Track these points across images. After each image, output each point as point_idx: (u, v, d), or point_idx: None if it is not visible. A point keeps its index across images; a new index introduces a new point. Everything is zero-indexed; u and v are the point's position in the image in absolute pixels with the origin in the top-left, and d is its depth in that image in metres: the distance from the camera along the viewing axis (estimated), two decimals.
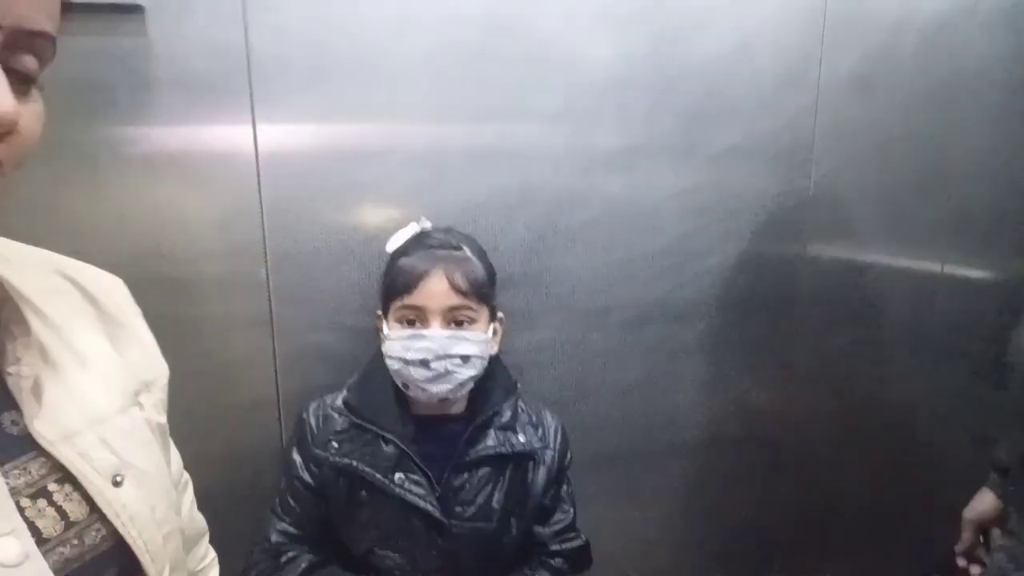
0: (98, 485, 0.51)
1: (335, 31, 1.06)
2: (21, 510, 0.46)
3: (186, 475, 0.73)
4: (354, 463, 0.97)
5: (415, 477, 0.97)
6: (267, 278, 1.11)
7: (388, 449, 0.98)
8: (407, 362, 0.95)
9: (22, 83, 0.45)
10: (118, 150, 1.01)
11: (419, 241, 1.01)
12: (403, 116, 1.12)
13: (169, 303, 1.05)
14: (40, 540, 0.47)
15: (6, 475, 0.47)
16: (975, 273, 1.52)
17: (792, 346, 1.43)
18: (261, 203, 1.08)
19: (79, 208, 1.00)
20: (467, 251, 1.00)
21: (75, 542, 0.50)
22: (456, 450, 0.99)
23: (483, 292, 0.99)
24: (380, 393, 1.01)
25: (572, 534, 1.10)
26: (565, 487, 1.11)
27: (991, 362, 1.52)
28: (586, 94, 1.19)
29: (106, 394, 0.57)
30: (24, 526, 0.46)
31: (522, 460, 1.04)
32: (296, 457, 1.02)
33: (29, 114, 0.46)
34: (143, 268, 1.03)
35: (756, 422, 1.44)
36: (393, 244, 1.03)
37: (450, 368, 0.95)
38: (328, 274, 1.13)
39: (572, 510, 1.11)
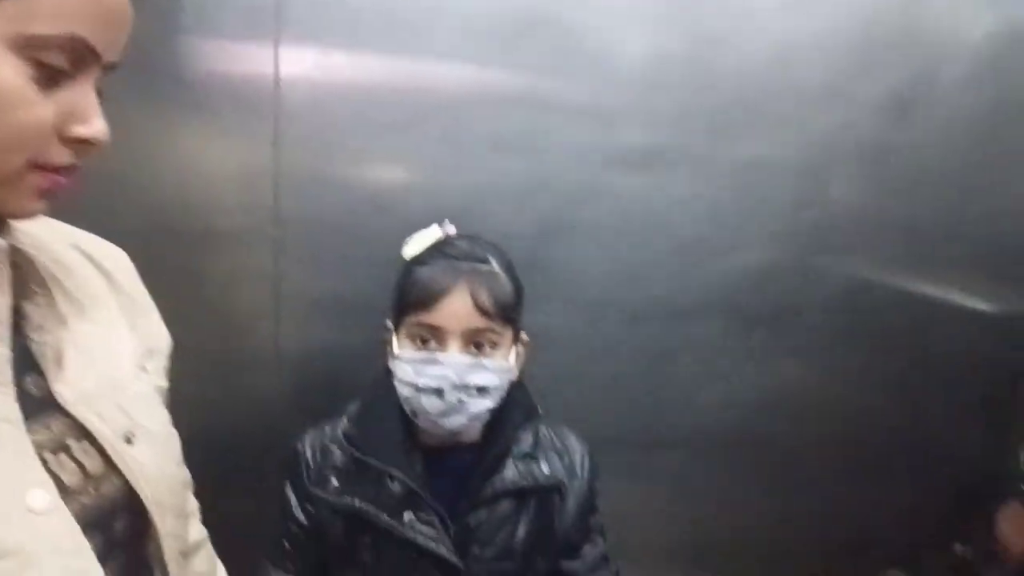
0: (112, 442, 0.57)
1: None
2: (44, 463, 0.52)
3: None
4: (356, 503, 0.87)
5: (426, 517, 0.87)
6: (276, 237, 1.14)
7: (395, 487, 0.87)
8: (418, 389, 0.85)
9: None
10: (137, 98, 1.03)
11: (440, 250, 0.89)
12: (427, 94, 1.12)
13: (179, 255, 1.10)
14: (63, 490, 0.52)
15: (31, 431, 0.52)
16: (982, 306, 1.51)
17: (788, 357, 1.45)
18: (277, 163, 1.11)
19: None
20: (494, 265, 0.88)
21: (92, 492, 0.55)
22: (471, 485, 0.89)
23: (509, 313, 0.87)
24: (385, 422, 0.90)
25: (603, 565, 1.00)
26: (594, 517, 1.00)
27: (986, 394, 1.54)
28: (613, 90, 1.19)
29: (119, 361, 0.63)
30: (49, 478, 0.51)
31: (547, 493, 0.92)
32: (290, 495, 0.93)
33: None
34: (155, 220, 1.08)
35: (743, 424, 1.47)
36: (411, 250, 0.91)
37: (464, 399, 0.84)
38: (336, 239, 1.16)
39: (602, 540, 1.01)
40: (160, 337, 0.72)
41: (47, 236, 0.64)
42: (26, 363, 0.54)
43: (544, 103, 1.17)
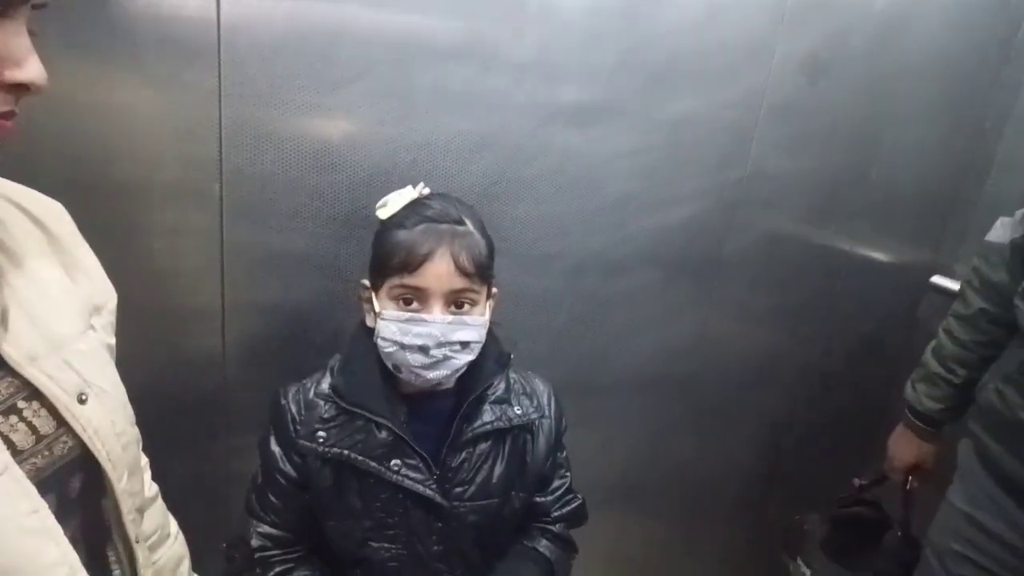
0: (65, 402, 0.57)
1: None
2: None
3: None
4: (346, 452, 0.90)
5: (412, 462, 0.91)
6: (220, 192, 1.11)
7: (382, 435, 0.91)
8: (403, 347, 0.88)
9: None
10: (76, 46, 0.97)
11: (417, 211, 0.91)
12: (372, 49, 1.11)
13: (121, 209, 1.06)
14: (15, 452, 0.52)
15: None
16: (882, 255, 1.66)
17: (711, 304, 1.55)
18: (220, 119, 1.07)
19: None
20: (470, 225, 0.92)
21: (45, 453, 0.55)
22: (451, 429, 0.94)
23: (485, 272, 0.92)
24: (368, 375, 0.93)
25: (570, 496, 1.09)
26: (562, 452, 1.08)
27: (876, 335, 1.71)
28: (555, 45, 1.21)
29: (65, 318, 0.62)
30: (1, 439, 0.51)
31: (520, 432, 0.99)
32: (275, 449, 0.95)
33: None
34: (95, 172, 1.03)
35: (672, 367, 1.57)
36: (386, 211, 0.94)
37: (448, 354, 0.89)
38: (282, 196, 1.14)
39: (568, 473, 1.10)
40: (105, 293, 0.71)
41: None
42: None
43: (488, 58, 1.18)
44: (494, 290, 0.98)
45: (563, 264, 1.37)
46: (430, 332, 0.88)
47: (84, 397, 0.59)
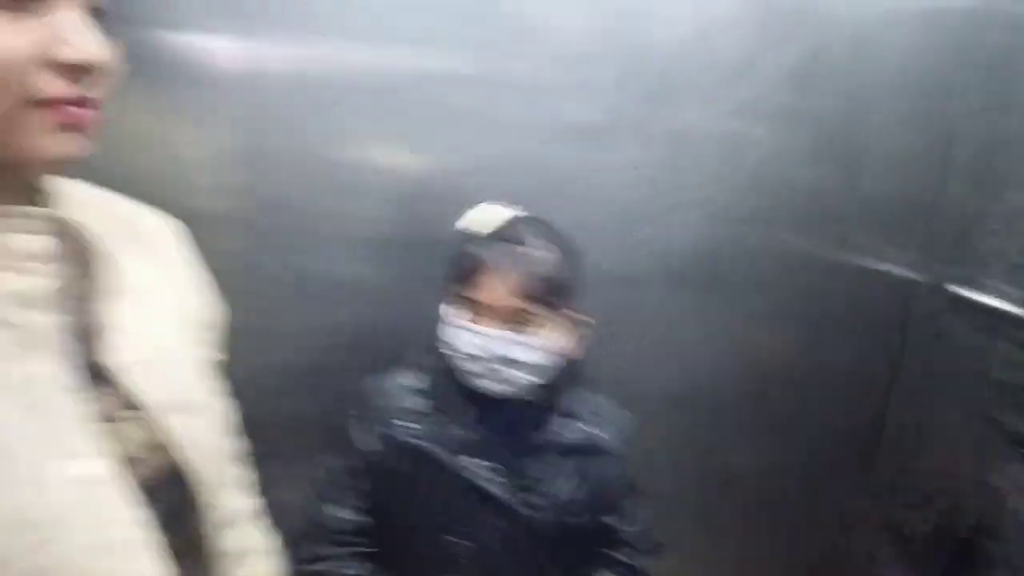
0: (159, 414, 0.57)
1: None
2: (94, 434, 0.51)
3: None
4: (424, 443, 0.94)
5: (486, 463, 0.94)
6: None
7: (457, 431, 0.94)
8: (459, 353, 0.92)
9: (96, 23, 0.49)
10: None
11: (492, 227, 0.95)
12: (380, 79, 1.13)
13: None
14: (119, 460, 0.52)
15: (86, 402, 0.51)
16: (874, 263, 1.69)
17: (715, 317, 1.55)
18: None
19: None
20: (541, 247, 0.93)
21: (139, 463, 0.55)
22: (523, 435, 0.97)
23: (552, 298, 0.92)
24: (448, 373, 0.96)
25: (644, 526, 1.08)
26: (631, 476, 1.08)
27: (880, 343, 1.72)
28: (553, 66, 1.24)
29: (165, 331, 0.62)
30: (98, 448, 0.51)
31: (592, 451, 1.00)
32: (357, 434, 0.98)
33: (112, 50, 0.50)
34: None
35: (681, 385, 1.56)
36: (465, 223, 0.97)
37: (499, 368, 0.91)
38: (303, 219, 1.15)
39: (645, 503, 1.09)
40: (211, 309, 0.71)
41: (95, 206, 0.62)
42: (84, 332, 0.54)
43: (492, 81, 1.20)
44: (580, 317, 0.98)
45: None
46: (480, 344, 0.90)
47: (178, 410, 0.58)
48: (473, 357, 0.90)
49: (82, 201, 0.61)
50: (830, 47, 1.45)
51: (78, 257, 0.56)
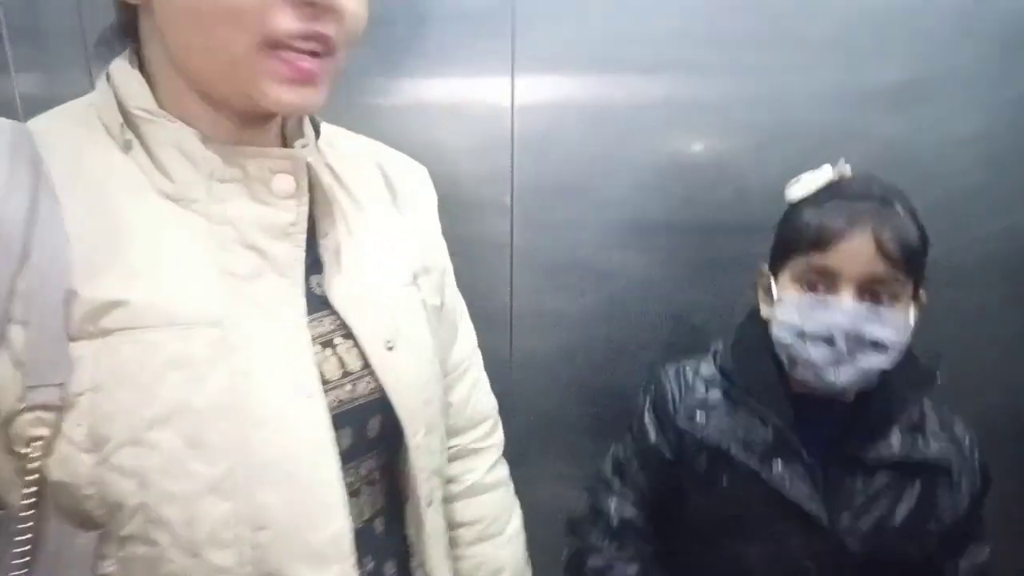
0: (374, 345, 0.59)
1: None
2: (314, 355, 0.56)
3: (471, 361, 0.81)
4: (725, 443, 0.84)
5: (797, 468, 0.81)
6: (511, 205, 1.15)
7: (766, 431, 0.83)
8: (804, 335, 0.78)
9: None
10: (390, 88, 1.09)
11: (835, 190, 0.81)
12: (658, 49, 1.09)
13: None
14: (323, 381, 0.56)
15: (309, 326, 0.56)
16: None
17: None
18: (512, 136, 1.12)
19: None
20: (899, 208, 0.79)
21: (348, 388, 0.58)
22: (847, 445, 0.82)
23: (915, 262, 0.78)
24: (758, 364, 0.85)
25: (988, 569, 0.89)
26: (981, 512, 0.89)
27: None
28: (862, 22, 1.06)
29: (391, 268, 0.65)
30: (315, 368, 0.55)
31: (935, 474, 0.83)
32: (651, 424, 0.91)
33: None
34: None
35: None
36: (798, 191, 0.84)
37: (857, 353, 0.76)
38: (568, 208, 1.15)
39: (987, 544, 0.90)
40: (437, 257, 0.74)
41: (349, 149, 0.68)
42: (315, 264, 0.59)
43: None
44: (923, 292, 0.82)
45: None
46: (836, 320, 0.76)
47: (392, 344, 0.60)
48: (827, 340, 0.76)
49: (339, 147, 0.65)
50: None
51: (319, 196, 0.59)
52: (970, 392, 1.17)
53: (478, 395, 0.81)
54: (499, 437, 0.84)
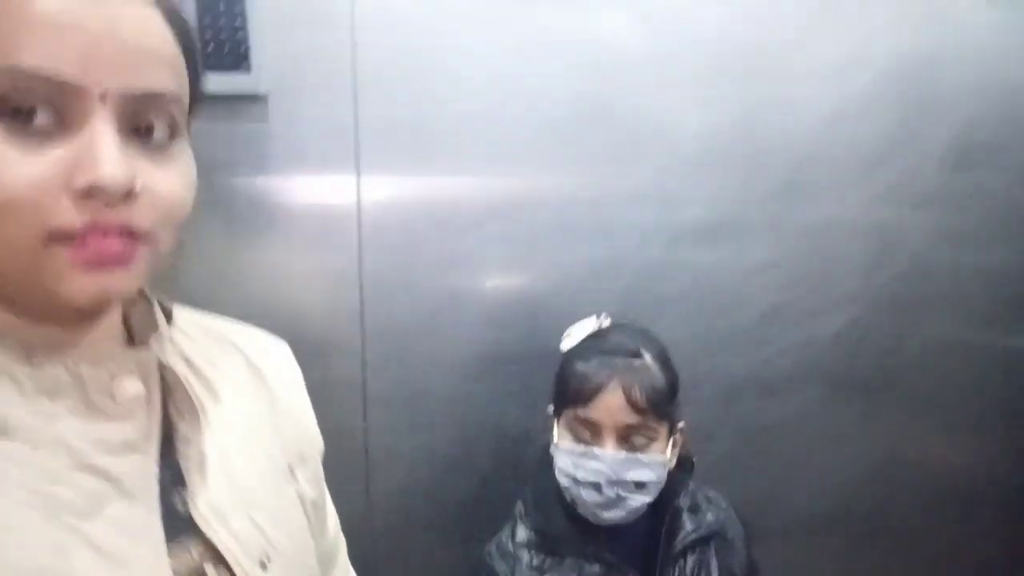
0: (247, 568, 0.53)
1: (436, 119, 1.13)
2: None
3: (341, 537, 0.74)
4: None
5: None
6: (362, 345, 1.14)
7: (594, 568, 0.90)
8: (577, 481, 0.89)
9: (155, 146, 0.45)
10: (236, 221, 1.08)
11: (595, 344, 0.93)
12: (496, 190, 1.15)
13: None
14: None
15: (171, 555, 0.49)
16: None
17: (890, 426, 1.37)
18: (360, 271, 1.13)
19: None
20: (647, 358, 0.91)
21: None
22: (654, 544, 0.92)
23: (663, 408, 0.90)
24: (560, 512, 0.93)
25: None
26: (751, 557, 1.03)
27: None
28: (674, 170, 1.21)
29: (262, 469, 0.59)
30: None
31: (718, 539, 0.96)
32: None
33: (163, 176, 0.45)
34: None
35: (852, 502, 1.38)
36: (568, 342, 0.96)
37: (622, 494, 0.88)
38: (422, 341, 1.16)
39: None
40: (311, 441, 0.67)
41: (201, 331, 0.61)
42: (175, 478, 0.52)
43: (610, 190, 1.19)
44: (680, 425, 0.95)
45: (713, 388, 1.27)
46: (601, 468, 0.87)
47: (266, 562, 0.55)
48: (594, 485, 0.87)
49: (184, 328, 0.58)
50: (985, 121, 1.31)
51: (178, 396, 0.53)
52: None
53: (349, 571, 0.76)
54: None
